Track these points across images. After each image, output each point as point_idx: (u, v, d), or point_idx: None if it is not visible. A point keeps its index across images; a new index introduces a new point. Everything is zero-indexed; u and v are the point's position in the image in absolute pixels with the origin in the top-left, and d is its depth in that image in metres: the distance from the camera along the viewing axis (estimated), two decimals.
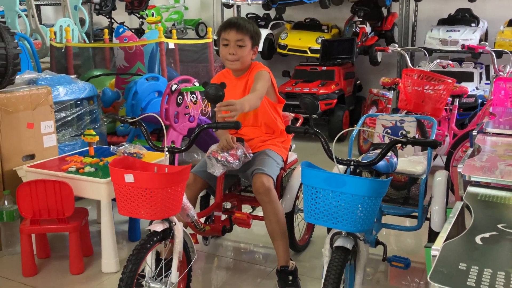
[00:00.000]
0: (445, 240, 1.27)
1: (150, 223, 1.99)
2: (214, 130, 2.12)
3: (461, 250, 1.22)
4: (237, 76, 2.54)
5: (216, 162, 2.28)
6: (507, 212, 1.48)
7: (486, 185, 1.71)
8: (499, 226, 1.35)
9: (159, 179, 1.83)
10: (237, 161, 2.30)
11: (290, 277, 2.36)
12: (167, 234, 1.98)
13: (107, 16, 7.63)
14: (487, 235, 1.29)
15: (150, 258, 1.99)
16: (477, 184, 1.72)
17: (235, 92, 2.49)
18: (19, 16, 5.18)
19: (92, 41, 7.20)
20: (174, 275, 1.98)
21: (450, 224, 1.38)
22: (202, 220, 2.53)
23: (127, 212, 1.88)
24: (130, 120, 2.10)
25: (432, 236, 2.44)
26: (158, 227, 1.94)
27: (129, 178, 1.82)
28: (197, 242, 2.53)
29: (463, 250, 1.22)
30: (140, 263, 1.88)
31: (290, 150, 2.71)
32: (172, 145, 2.12)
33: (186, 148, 2.10)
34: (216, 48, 2.74)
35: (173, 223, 1.99)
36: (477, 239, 1.27)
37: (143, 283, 1.98)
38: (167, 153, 2.05)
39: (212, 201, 2.67)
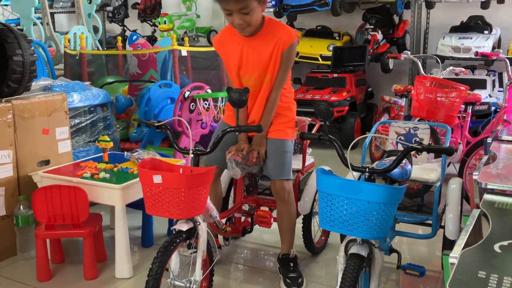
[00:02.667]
0: (463, 248, 1.26)
1: (170, 225, 2.03)
2: (236, 133, 2.12)
3: (479, 258, 1.21)
4: (250, 36, 2.30)
5: (236, 165, 2.32)
6: None
7: (503, 193, 1.70)
8: None
9: (186, 179, 1.90)
10: (256, 165, 2.34)
11: (291, 264, 2.47)
12: (192, 234, 2.03)
13: (120, 24, 7.70)
14: (505, 243, 1.28)
15: (175, 257, 2.03)
16: (494, 191, 1.71)
17: (255, 56, 2.30)
18: (34, 24, 5.25)
19: (105, 48, 7.27)
20: (198, 274, 2.02)
21: (467, 232, 1.38)
22: (223, 221, 2.56)
23: (154, 211, 1.95)
24: (156, 124, 2.14)
25: (447, 244, 2.42)
26: (184, 226, 2.00)
27: (157, 178, 1.88)
28: (219, 245, 2.56)
29: (482, 258, 1.21)
30: (166, 263, 1.93)
31: (308, 154, 2.75)
32: (197, 148, 2.14)
33: (210, 150, 2.13)
34: None
35: (198, 223, 2.04)
36: (496, 247, 1.26)
37: (168, 281, 2.02)
38: (192, 155, 2.08)
39: (231, 204, 2.73)
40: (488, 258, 1.21)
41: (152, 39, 7.03)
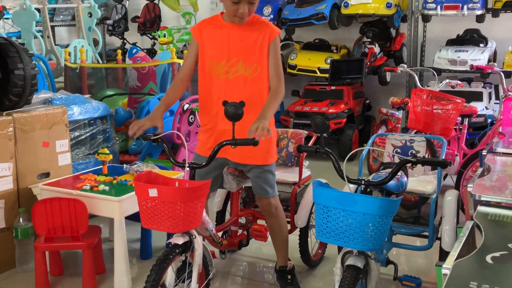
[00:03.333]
0: (456, 259, 1.29)
1: (168, 238, 2.04)
2: (232, 146, 2.08)
3: (471, 269, 1.23)
4: (238, 22, 2.25)
5: (232, 178, 2.33)
6: None
7: (497, 205, 1.72)
8: (510, 245, 1.36)
9: (181, 193, 1.91)
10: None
11: (289, 276, 2.49)
12: (188, 247, 2.04)
13: (120, 37, 7.77)
14: (497, 254, 1.31)
15: (171, 271, 2.04)
16: (487, 203, 1.73)
17: (237, 41, 2.24)
18: (35, 37, 5.31)
19: (105, 61, 7.33)
20: (194, 287, 2.02)
21: (460, 243, 1.40)
22: (219, 234, 2.57)
23: (150, 225, 1.96)
24: (153, 137, 2.13)
25: (443, 255, 2.44)
26: (179, 240, 2.00)
27: (153, 192, 1.90)
28: (215, 257, 2.58)
29: (474, 269, 1.23)
30: (162, 275, 1.94)
31: (304, 166, 2.77)
32: (193, 162, 2.15)
33: (206, 164, 2.11)
34: None
35: (194, 236, 2.05)
36: (488, 258, 1.29)
37: None
38: (187, 169, 2.09)
39: (227, 217, 2.75)
40: (480, 269, 1.23)
41: (151, 52, 7.09)
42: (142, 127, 2.13)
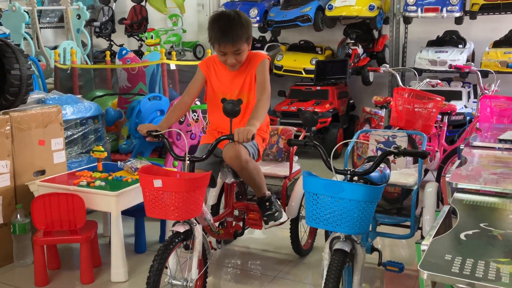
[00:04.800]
0: (433, 238, 1.43)
1: (162, 232, 2.14)
2: (230, 141, 2.24)
3: (447, 244, 1.37)
4: (231, 69, 2.55)
5: (228, 170, 2.46)
6: (489, 214, 1.64)
7: (471, 192, 1.88)
8: (481, 225, 1.51)
9: (184, 183, 2.04)
10: None
11: (267, 203, 2.60)
12: (188, 235, 2.17)
13: (107, 39, 7.83)
14: (470, 232, 1.45)
15: (172, 258, 2.16)
16: (463, 190, 1.88)
17: (234, 81, 2.54)
18: (24, 39, 5.35)
19: (92, 63, 7.39)
20: (194, 272, 2.16)
21: (438, 224, 1.54)
22: (216, 224, 2.69)
23: (155, 214, 2.08)
24: (154, 134, 2.28)
25: None
26: (181, 228, 2.14)
27: (157, 183, 2.02)
28: (213, 248, 2.69)
29: (449, 244, 1.37)
30: (165, 262, 2.06)
31: (294, 161, 2.90)
32: (193, 155, 2.27)
33: (205, 157, 2.25)
34: None
35: (194, 224, 2.18)
36: (462, 236, 1.43)
37: (166, 280, 2.14)
38: (188, 161, 2.22)
39: (221, 210, 2.89)
40: (455, 244, 1.37)
41: (138, 54, 7.17)
42: (146, 127, 2.34)
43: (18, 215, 2.86)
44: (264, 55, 2.56)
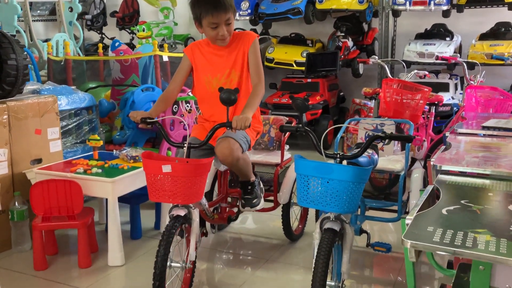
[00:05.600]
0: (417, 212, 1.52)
1: (156, 219, 2.20)
2: (227, 128, 2.29)
3: (429, 218, 1.47)
4: (220, 44, 2.54)
5: None
6: (470, 192, 1.74)
7: (454, 173, 1.97)
8: (462, 201, 1.61)
9: (192, 168, 2.12)
10: None
11: (249, 187, 2.67)
12: (187, 219, 2.24)
13: (98, 32, 7.85)
14: (451, 208, 1.55)
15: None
16: (447, 172, 1.98)
17: (224, 59, 2.52)
18: (17, 31, 5.38)
19: (84, 55, 7.41)
20: (192, 254, 2.25)
21: (422, 201, 1.64)
22: (211, 209, 2.78)
23: (159, 198, 2.16)
24: (149, 121, 2.34)
25: None
26: (181, 212, 2.21)
27: (167, 168, 2.09)
28: (203, 235, 2.76)
29: (431, 218, 1.47)
30: (170, 245, 2.13)
31: (285, 150, 2.99)
32: (190, 142, 2.33)
33: (202, 144, 2.33)
34: None
35: (192, 208, 2.26)
36: (443, 211, 1.53)
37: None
38: (185, 148, 2.29)
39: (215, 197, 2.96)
40: (437, 218, 1.47)
41: (130, 46, 7.19)
42: (141, 114, 2.37)
43: (16, 202, 2.92)
44: (255, 34, 2.58)
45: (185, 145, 2.28)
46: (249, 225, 3.44)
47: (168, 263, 2.19)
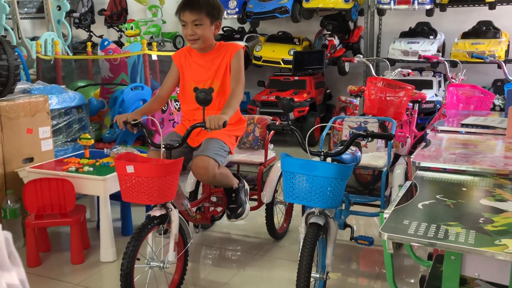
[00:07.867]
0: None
1: (147, 211, 2.28)
2: (203, 128, 2.33)
3: (406, 212, 1.57)
4: (203, 52, 2.61)
5: None
6: (445, 187, 1.84)
7: (432, 169, 2.08)
8: (437, 196, 1.71)
9: (155, 169, 2.14)
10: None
11: (233, 194, 2.73)
12: (164, 219, 2.28)
13: (86, 30, 7.87)
14: (427, 202, 1.65)
15: (151, 240, 2.29)
16: (425, 168, 2.09)
17: (207, 69, 2.58)
18: (5, 30, 5.39)
19: (72, 54, 7.42)
20: (171, 255, 2.28)
21: (399, 197, 1.74)
22: (193, 209, 2.84)
23: (130, 198, 2.19)
24: (132, 122, 2.38)
25: None
26: (157, 212, 2.25)
27: (130, 168, 2.13)
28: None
29: (408, 212, 1.57)
30: (141, 243, 2.17)
31: (270, 149, 3.06)
32: (168, 143, 2.41)
33: (179, 145, 2.38)
34: None
35: (170, 209, 2.29)
36: (419, 205, 1.63)
37: (145, 263, 2.27)
38: (163, 149, 2.35)
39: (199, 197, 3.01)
40: (413, 212, 1.57)
41: (118, 45, 7.23)
42: (124, 117, 2.41)
43: (9, 201, 2.97)
44: (239, 46, 2.65)
45: (163, 145, 2.33)
46: (235, 224, 3.47)
47: (148, 263, 2.25)
